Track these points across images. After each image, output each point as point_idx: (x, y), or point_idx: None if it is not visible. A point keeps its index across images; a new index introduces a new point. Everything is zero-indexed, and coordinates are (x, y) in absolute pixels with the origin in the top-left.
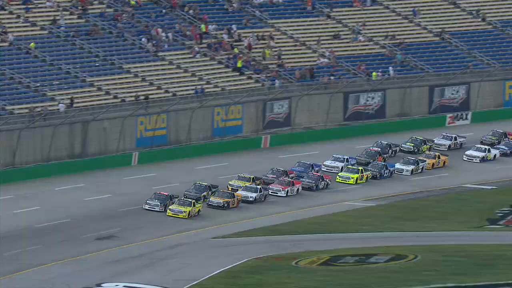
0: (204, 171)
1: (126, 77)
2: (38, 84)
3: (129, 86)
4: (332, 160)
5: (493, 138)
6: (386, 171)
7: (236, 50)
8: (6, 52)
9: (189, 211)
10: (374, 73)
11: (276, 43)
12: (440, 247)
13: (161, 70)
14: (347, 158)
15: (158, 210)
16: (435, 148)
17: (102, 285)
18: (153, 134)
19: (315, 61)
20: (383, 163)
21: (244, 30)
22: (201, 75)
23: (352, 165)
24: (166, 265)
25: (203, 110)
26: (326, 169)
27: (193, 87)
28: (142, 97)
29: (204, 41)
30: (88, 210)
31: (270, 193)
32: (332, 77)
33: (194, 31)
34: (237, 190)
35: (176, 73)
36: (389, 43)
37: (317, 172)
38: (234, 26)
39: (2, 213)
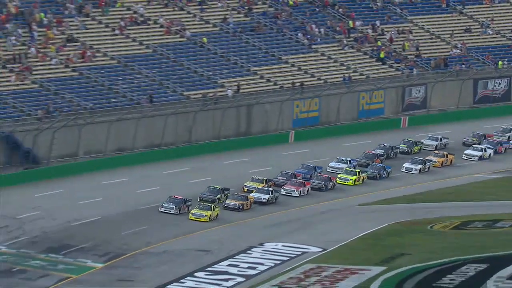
0: (350, 147)
1: (284, 67)
2: (210, 73)
3: (287, 75)
4: (336, 162)
5: (474, 139)
6: (384, 172)
7: (379, 43)
8: (184, 46)
9: (210, 215)
10: (500, 62)
11: (414, 36)
12: None
13: (314, 60)
14: (349, 160)
15: (173, 212)
16: (423, 149)
17: (264, 244)
18: (307, 116)
19: (448, 52)
20: (382, 165)
21: (386, 25)
22: (349, 64)
23: (354, 166)
24: (317, 229)
25: (350, 95)
26: (331, 170)
27: (342, 75)
28: (298, 84)
29: (351, 35)
30: None
31: (284, 193)
32: (463, 66)
33: (343, 27)
34: (252, 191)
35: (327, 63)
36: None
37: (320, 173)
38: (377, 22)
39: (180, 182)
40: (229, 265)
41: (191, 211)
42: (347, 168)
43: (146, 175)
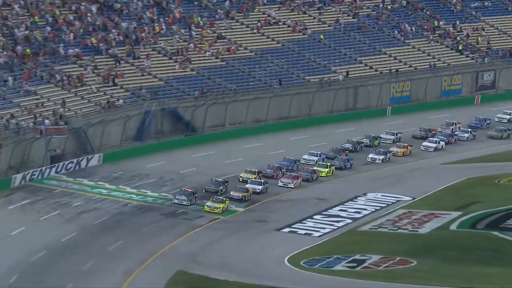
0: (433, 120)
1: (383, 57)
2: (326, 62)
3: (386, 63)
4: (309, 155)
5: (422, 133)
6: (348, 164)
7: (458, 38)
8: (306, 42)
9: (222, 207)
10: None
11: (486, 32)
12: None
13: (407, 52)
14: (320, 154)
15: (186, 204)
16: (382, 142)
17: (367, 194)
18: (401, 95)
19: None
20: (346, 157)
21: (464, 24)
22: (434, 55)
23: (323, 159)
24: (408, 183)
25: (435, 78)
26: (305, 162)
27: (428, 63)
28: (394, 70)
29: (436, 32)
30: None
31: (282, 185)
32: None
33: (430, 25)
34: (247, 181)
35: (417, 54)
36: None
37: (297, 167)
38: (457, 22)
39: (301, 146)
40: (340, 210)
41: (206, 204)
42: (320, 162)
43: (276, 141)
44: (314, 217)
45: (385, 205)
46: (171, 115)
